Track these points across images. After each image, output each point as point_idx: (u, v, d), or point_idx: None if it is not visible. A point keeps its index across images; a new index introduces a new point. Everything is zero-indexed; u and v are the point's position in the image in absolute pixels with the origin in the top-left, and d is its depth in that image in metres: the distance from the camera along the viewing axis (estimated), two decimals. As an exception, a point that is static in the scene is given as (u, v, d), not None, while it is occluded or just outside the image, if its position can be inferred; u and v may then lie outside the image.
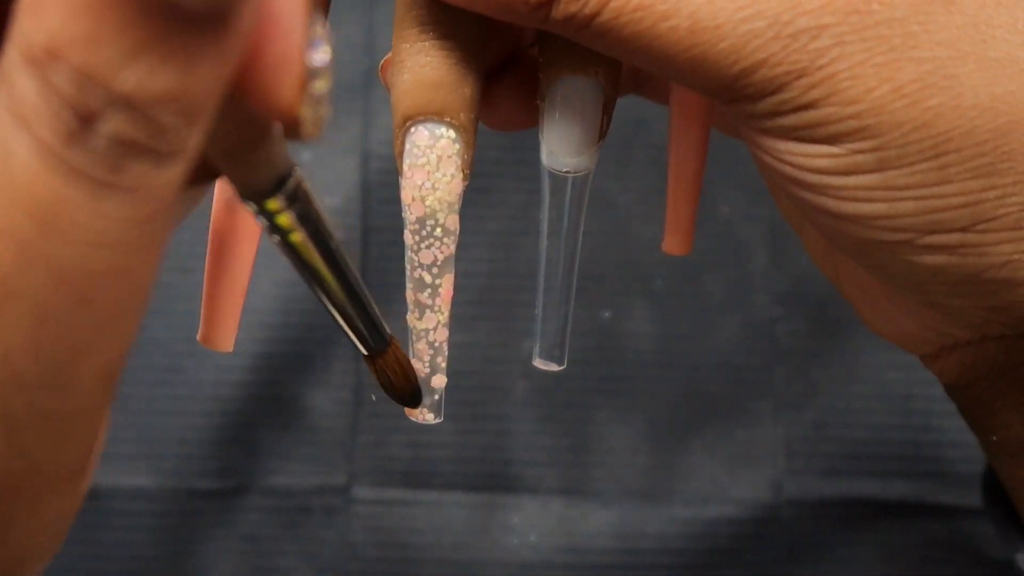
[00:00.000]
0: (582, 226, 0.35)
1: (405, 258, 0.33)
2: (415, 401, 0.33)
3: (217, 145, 0.22)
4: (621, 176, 0.55)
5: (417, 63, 0.32)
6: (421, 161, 0.32)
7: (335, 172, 0.55)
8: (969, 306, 0.33)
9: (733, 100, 0.30)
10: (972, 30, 0.30)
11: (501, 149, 0.54)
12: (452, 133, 0.32)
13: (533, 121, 0.34)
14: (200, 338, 0.35)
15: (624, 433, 0.54)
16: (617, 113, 0.34)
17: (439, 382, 0.34)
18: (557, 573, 0.54)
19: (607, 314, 0.55)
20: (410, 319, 0.34)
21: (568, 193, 0.34)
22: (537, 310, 0.35)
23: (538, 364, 0.36)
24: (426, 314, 0.33)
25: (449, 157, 0.32)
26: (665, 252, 0.39)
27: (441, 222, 0.33)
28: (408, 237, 0.33)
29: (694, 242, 0.39)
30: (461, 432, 0.54)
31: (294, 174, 0.24)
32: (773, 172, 0.32)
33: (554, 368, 0.36)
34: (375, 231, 0.55)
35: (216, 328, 0.34)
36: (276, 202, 0.24)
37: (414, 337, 0.34)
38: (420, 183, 0.32)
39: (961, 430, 0.41)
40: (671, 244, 0.39)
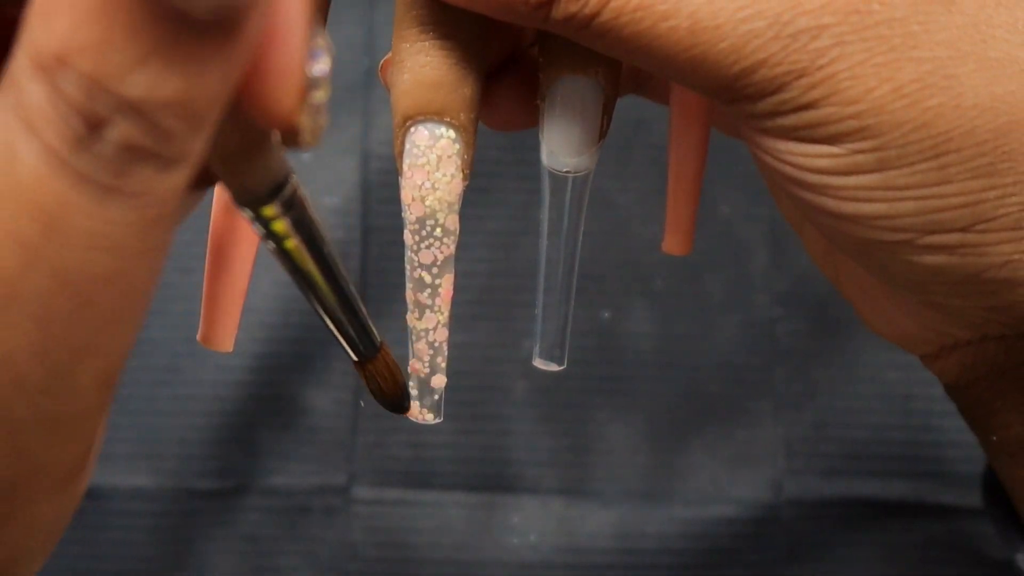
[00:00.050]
0: (582, 226, 0.35)
1: (405, 258, 0.33)
2: (403, 408, 0.33)
3: (216, 151, 0.22)
4: (621, 176, 0.55)
5: (417, 63, 0.32)
6: (421, 161, 0.32)
7: (335, 172, 0.55)
8: (969, 306, 0.33)
9: (733, 100, 0.30)
10: (972, 30, 0.30)
11: (501, 149, 0.54)
12: (452, 133, 0.32)
13: (533, 121, 0.34)
14: (200, 338, 0.35)
15: (624, 433, 0.54)
16: (617, 113, 0.34)
17: (439, 382, 0.34)
18: (557, 573, 0.54)
19: (607, 314, 0.55)
20: (410, 319, 0.34)
21: (568, 193, 0.34)
22: (537, 310, 0.35)
23: (538, 364, 0.36)
24: (426, 314, 0.33)
25: (449, 157, 0.32)
26: (665, 252, 0.39)
27: (441, 222, 0.33)
28: (408, 237, 0.33)
29: (694, 242, 0.39)
30: (461, 432, 0.54)
31: (290, 181, 0.24)
32: (773, 172, 0.32)
33: (554, 368, 0.36)
34: (375, 231, 0.54)
35: (216, 328, 0.34)
36: (272, 209, 0.24)
37: (414, 337, 0.34)
38: (420, 183, 0.32)
39: (961, 430, 0.41)
40: (671, 244, 0.39)
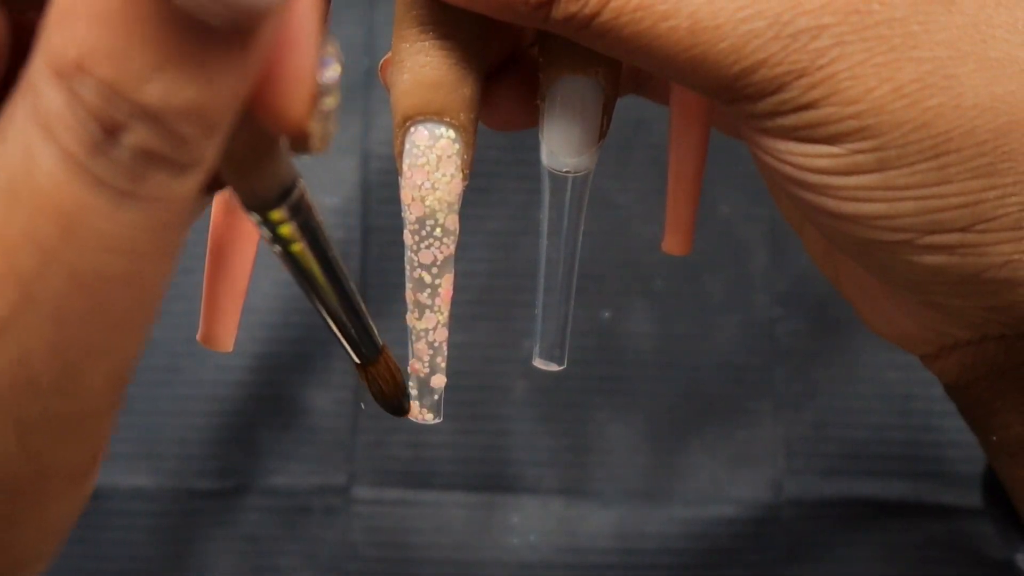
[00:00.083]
0: (582, 226, 0.35)
1: (405, 258, 0.33)
2: (403, 411, 0.33)
3: (226, 156, 0.22)
4: (621, 176, 0.55)
5: (417, 63, 0.32)
6: (421, 161, 0.32)
7: (335, 172, 0.55)
8: (969, 306, 0.33)
9: (733, 100, 0.30)
10: (972, 30, 0.30)
11: (501, 149, 0.54)
12: (452, 133, 0.32)
13: (533, 121, 0.34)
14: (200, 338, 0.35)
15: (624, 433, 0.54)
16: (617, 113, 0.34)
17: (439, 382, 0.34)
18: (557, 573, 0.54)
19: (607, 314, 0.55)
20: (410, 319, 0.34)
21: (568, 193, 0.34)
22: (537, 310, 0.35)
23: (538, 364, 0.36)
24: (426, 314, 0.33)
25: (449, 157, 0.32)
26: (665, 252, 0.39)
27: (441, 222, 0.33)
28: (408, 237, 0.33)
29: (694, 242, 0.39)
30: (461, 432, 0.54)
31: (298, 186, 0.24)
32: (773, 172, 0.32)
33: (554, 368, 0.36)
34: (375, 231, 0.54)
35: (216, 328, 0.34)
36: (280, 213, 0.24)
37: (414, 337, 0.34)
38: (420, 183, 0.32)
39: (961, 430, 0.41)
40: (671, 244, 0.39)
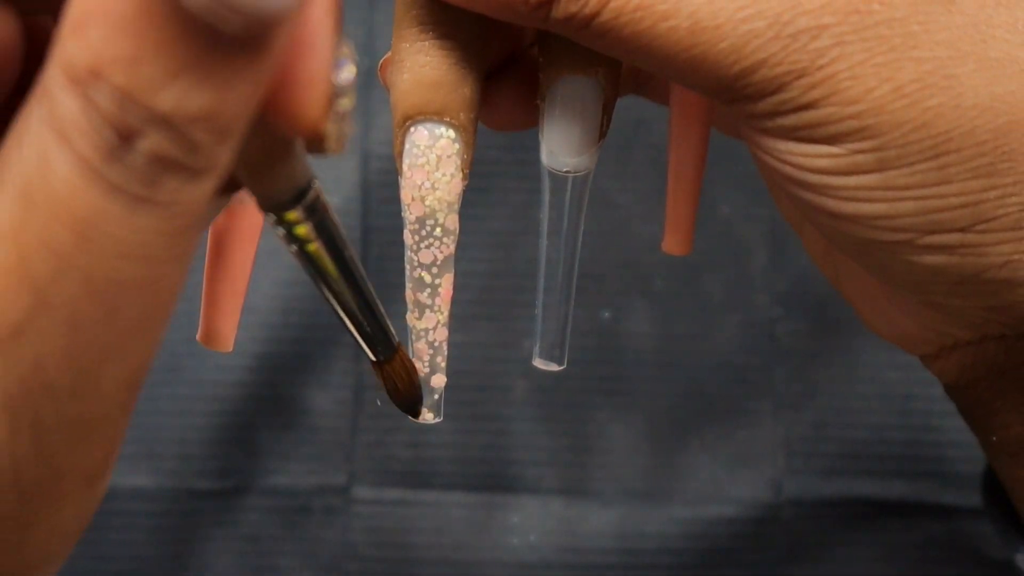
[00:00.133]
0: (582, 226, 0.35)
1: (405, 258, 0.33)
2: (417, 409, 0.33)
3: (241, 159, 0.23)
4: (621, 176, 0.55)
5: (417, 63, 0.32)
6: (421, 161, 0.32)
7: (335, 172, 0.55)
8: (969, 306, 0.33)
9: (733, 100, 0.30)
10: (972, 30, 0.30)
11: (501, 149, 0.54)
12: (452, 133, 0.32)
13: (533, 121, 0.34)
14: (200, 338, 0.35)
15: (624, 433, 0.54)
16: (617, 113, 0.34)
17: (439, 382, 0.34)
18: (557, 573, 0.54)
19: (607, 314, 0.55)
20: (410, 319, 0.34)
21: (568, 193, 0.34)
22: (537, 310, 0.35)
23: (538, 364, 0.36)
24: (426, 314, 0.33)
25: (449, 157, 0.32)
26: (665, 252, 0.39)
27: (441, 222, 0.33)
28: (408, 237, 0.33)
29: (694, 242, 0.39)
30: (461, 432, 0.54)
31: (313, 186, 0.24)
32: (773, 172, 0.32)
33: (554, 368, 0.36)
34: (375, 231, 0.54)
35: (216, 328, 0.34)
36: (296, 213, 0.24)
37: (414, 337, 0.34)
38: (420, 183, 0.32)
39: (961, 430, 0.41)
40: (671, 244, 0.39)
